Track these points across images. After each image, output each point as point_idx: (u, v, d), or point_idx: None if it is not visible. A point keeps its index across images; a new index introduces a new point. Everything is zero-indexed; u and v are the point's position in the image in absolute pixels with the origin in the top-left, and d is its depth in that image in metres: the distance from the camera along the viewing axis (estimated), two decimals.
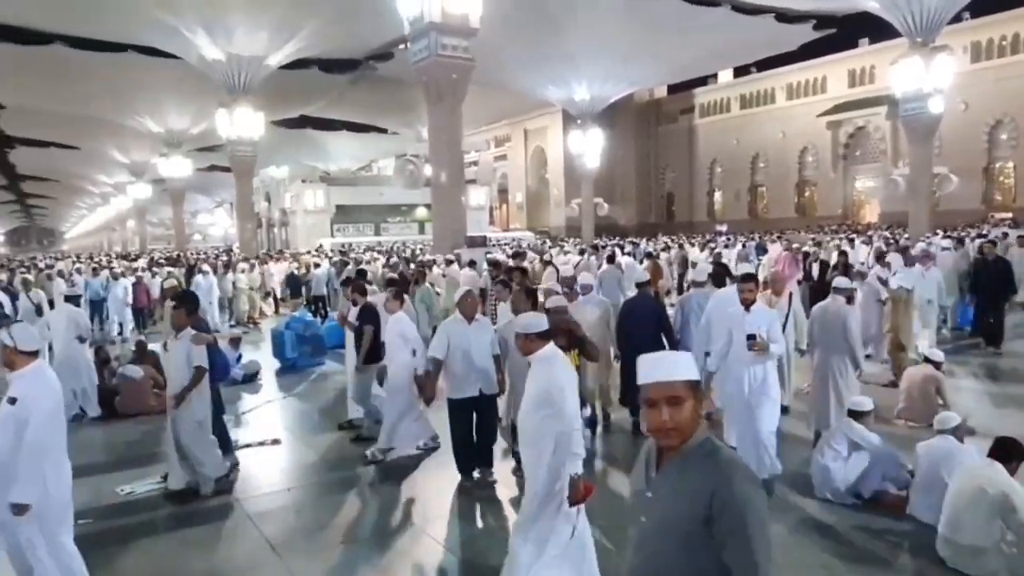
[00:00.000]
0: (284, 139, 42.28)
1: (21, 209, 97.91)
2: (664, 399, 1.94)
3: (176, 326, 6.02)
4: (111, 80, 31.00)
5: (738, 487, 1.88)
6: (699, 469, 1.92)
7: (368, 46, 30.73)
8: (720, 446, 1.99)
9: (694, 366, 2.03)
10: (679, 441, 1.96)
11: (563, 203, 55.47)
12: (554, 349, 4.18)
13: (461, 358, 5.79)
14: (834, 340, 6.46)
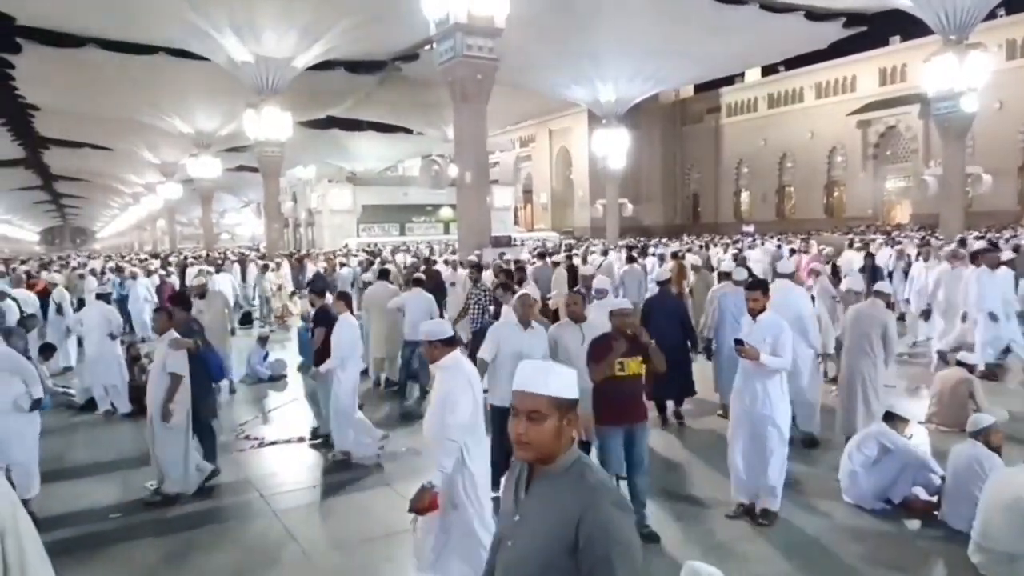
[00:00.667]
0: (311, 140, 42.65)
1: (55, 209, 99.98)
2: (525, 411, 1.87)
3: (159, 330, 6.01)
4: (143, 82, 31.52)
5: (605, 513, 1.76)
6: (566, 492, 1.82)
7: (394, 47, 30.88)
8: (590, 466, 1.88)
9: (572, 384, 1.92)
10: (533, 456, 1.87)
11: (588, 203, 55.25)
12: (458, 358, 4.13)
13: (511, 365, 5.32)
14: (867, 344, 6.37)
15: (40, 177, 66.00)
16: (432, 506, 3.70)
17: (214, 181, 41.78)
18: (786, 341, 5.03)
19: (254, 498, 6.06)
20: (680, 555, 4.38)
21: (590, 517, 1.75)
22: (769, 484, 5.04)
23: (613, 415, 4.81)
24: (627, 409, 4.85)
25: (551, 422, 1.84)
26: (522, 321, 5.52)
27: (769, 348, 4.97)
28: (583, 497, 1.78)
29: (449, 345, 4.09)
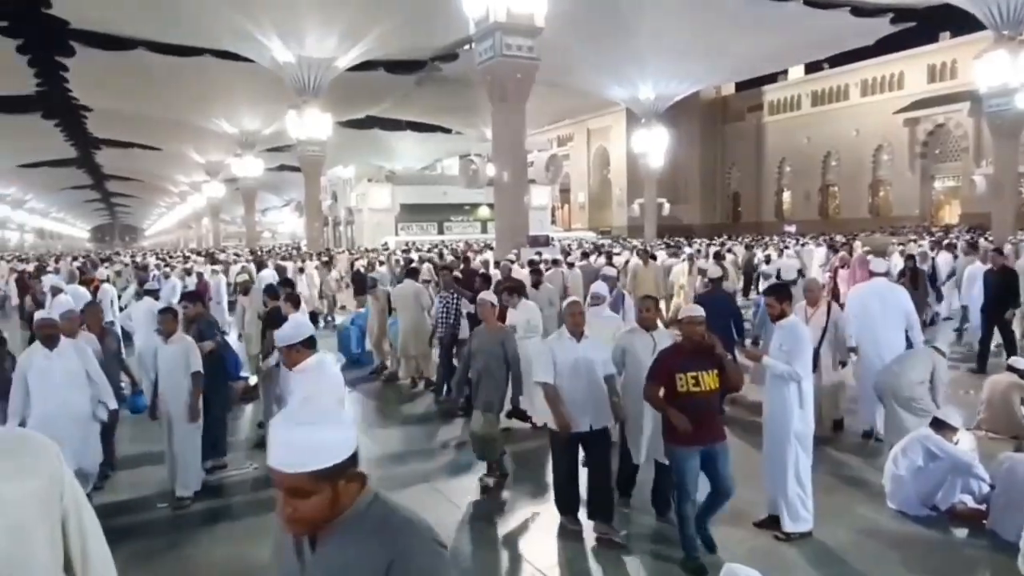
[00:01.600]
0: (351, 139, 43.17)
1: (105, 207, 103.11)
2: (285, 488, 1.55)
3: (165, 332, 5.82)
4: (190, 83, 32.30)
5: (420, 560, 1.56)
6: (367, 539, 1.57)
7: (433, 47, 31.09)
8: (394, 509, 1.64)
9: (341, 443, 1.57)
10: (309, 531, 1.60)
11: (625, 203, 54.95)
12: (321, 358, 3.91)
13: (569, 383, 4.81)
14: None
15: (91, 176, 68.10)
16: None
17: (257, 180, 42.58)
18: (801, 351, 4.74)
19: None
20: (718, 558, 4.34)
21: (402, 566, 1.53)
22: (787, 498, 4.74)
23: (688, 434, 4.28)
24: (703, 427, 4.30)
25: (320, 496, 1.54)
26: (573, 333, 4.94)
27: (784, 355, 4.76)
28: (390, 543, 1.55)
29: (310, 347, 3.88)
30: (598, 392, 4.84)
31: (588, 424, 4.80)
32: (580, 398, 4.79)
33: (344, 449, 1.57)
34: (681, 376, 4.28)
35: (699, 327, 4.42)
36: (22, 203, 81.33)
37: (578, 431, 4.77)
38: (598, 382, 4.85)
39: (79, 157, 55.31)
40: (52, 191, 77.68)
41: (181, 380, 5.73)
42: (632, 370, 4.95)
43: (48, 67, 31.70)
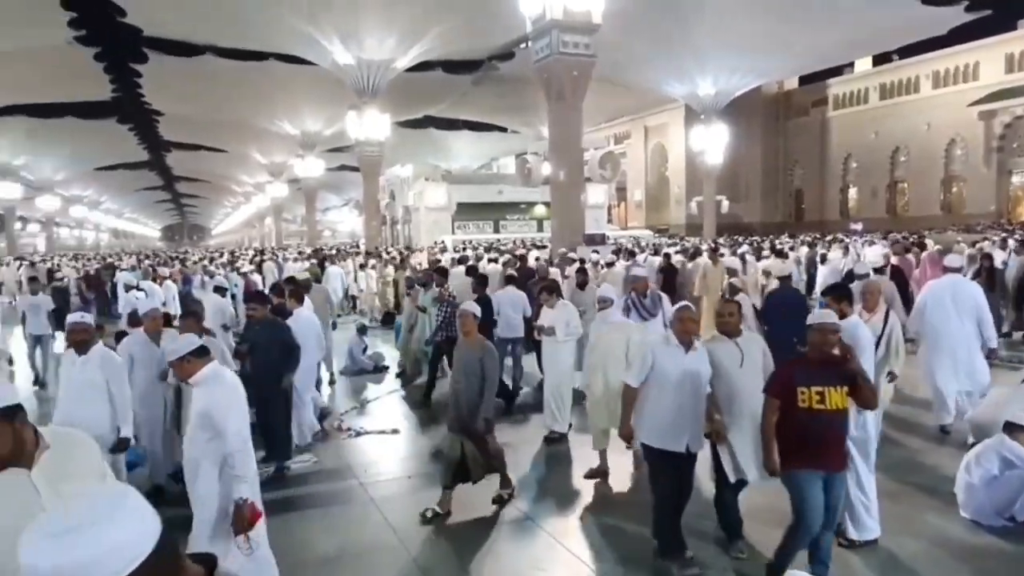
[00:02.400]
0: (409, 139, 43.75)
1: (175, 208, 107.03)
2: None
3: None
4: (255, 87, 33.28)
5: None
6: None
7: (490, 46, 31.25)
8: None
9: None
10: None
11: (684, 201, 54.11)
12: (217, 368, 3.77)
13: (672, 397, 4.29)
14: None
15: (162, 178, 70.84)
16: (255, 518, 3.59)
17: (318, 180, 43.60)
18: (860, 352, 4.45)
19: (354, 485, 6.30)
20: None
21: None
22: (850, 505, 4.55)
23: (810, 457, 3.82)
24: (827, 451, 3.85)
25: None
26: (682, 341, 4.34)
27: None
28: None
29: (202, 356, 3.75)
30: (700, 411, 4.36)
31: (685, 445, 4.30)
32: (683, 415, 4.28)
33: (139, 544, 1.09)
34: (804, 390, 3.80)
35: (831, 336, 3.94)
36: (98, 204, 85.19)
37: (677, 451, 4.30)
38: (703, 399, 4.37)
39: (151, 159, 57.61)
40: (126, 192, 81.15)
41: None
42: (718, 384, 4.43)
43: (123, 74, 33.14)
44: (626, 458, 6.33)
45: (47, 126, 41.85)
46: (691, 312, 4.46)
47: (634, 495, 5.79)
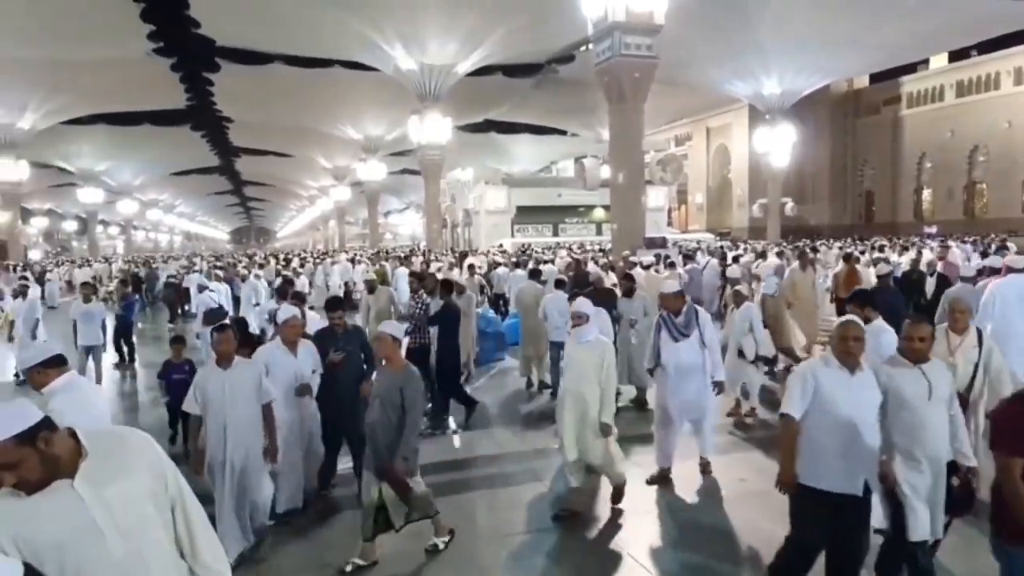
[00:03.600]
0: (469, 142, 44.15)
1: (243, 211, 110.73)
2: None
3: (221, 352, 4.79)
4: (320, 93, 34.14)
5: None
6: None
7: (551, 49, 31.27)
8: None
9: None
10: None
11: (747, 203, 52.99)
12: (72, 378, 3.56)
13: (841, 428, 3.64)
14: None
15: (231, 182, 73.38)
16: None
17: (380, 183, 44.39)
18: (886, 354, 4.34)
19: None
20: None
21: None
22: None
23: None
24: None
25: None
26: (845, 362, 3.69)
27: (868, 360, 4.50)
28: None
29: (56, 366, 3.54)
30: (869, 444, 3.66)
31: (846, 486, 3.63)
32: (856, 450, 3.64)
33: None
34: None
35: None
36: (172, 208, 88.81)
37: (830, 491, 3.64)
38: (871, 431, 3.69)
39: (221, 165, 59.76)
40: (198, 196, 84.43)
41: (250, 409, 4.79)
42: (898, 417, 3.73)
43: (196, 83, 34.48)
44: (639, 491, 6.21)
45: (127, 134, 43.95)
46: (855, 330, 3.72)
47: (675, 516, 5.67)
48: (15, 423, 2.00)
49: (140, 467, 2.25)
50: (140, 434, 2.38)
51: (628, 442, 6.88)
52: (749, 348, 7.86)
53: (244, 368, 4.87)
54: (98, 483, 2.13)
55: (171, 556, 2.30)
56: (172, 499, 2.32)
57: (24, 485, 2.04)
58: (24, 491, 2.05)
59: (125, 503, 2.16)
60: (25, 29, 25.11)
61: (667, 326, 6.16)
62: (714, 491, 5.94)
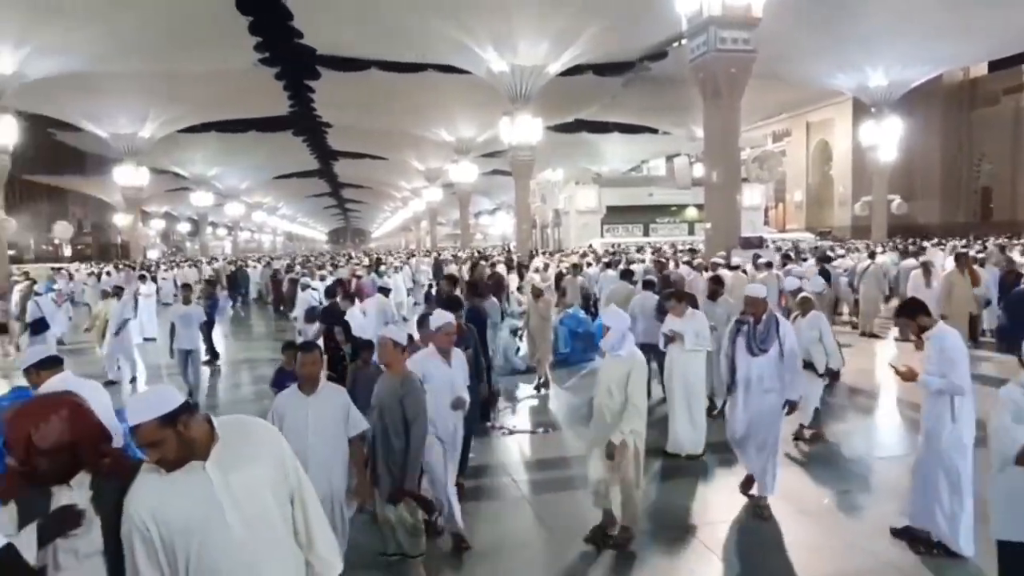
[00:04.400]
0: (559, 143, 44.11)
1: (340, 212, 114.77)
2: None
3: (309, 376, 4.16)
4: (414, 97, 34.96)
5: None
6: None
7: (643, 46, 30.83)
8: None
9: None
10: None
11: (849, 201, 50.55)
12: (66, 378, 3.49)
13: None
14: None
15: (330, 185, 76.20)
16: None
17: (471, 185, 44.99)
18: (953, 361, 4.36)
19: (507, 482, 6.44)
20: None
21: None
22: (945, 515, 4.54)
23: None
24: None
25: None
26: None
27: (935, 367, 4.42)
28: None
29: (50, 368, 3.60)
30: None
31: None
32: None
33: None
34: None
35: None
36: (275, 210, 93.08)
37: None
38: None
39: (320, 168, 62.14)
40: (298, 199, 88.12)
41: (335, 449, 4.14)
42: None
43: (299, 90, 36.00)
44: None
45: (234, 140, 46.43)
46: None
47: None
48: (160, 406, 2.19)
49: (263, 456, 2.38)
50: (265, 424, 2.54)
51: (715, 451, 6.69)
52: (820, 361, 7.19)
53: (331, 395, 4.16)
54: (226, 468, 2.27)
55: (287, 545, 2.41)
56: (291, 490, 2.43)
57: (164, 463, 2.22)
58: (164, 468, 2.23)
59: (248, 490, 2.29)
60: (146, 46, 26.88)
61: (745, 336, 5.52)
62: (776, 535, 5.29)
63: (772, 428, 5.48)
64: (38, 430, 2.28)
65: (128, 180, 40.81)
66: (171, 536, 2.22)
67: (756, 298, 5.57)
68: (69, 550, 2.35)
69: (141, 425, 2.16)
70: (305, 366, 4.15)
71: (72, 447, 2.32)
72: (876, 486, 6.08)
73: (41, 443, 2.28)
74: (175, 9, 23.97)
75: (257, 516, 2.30)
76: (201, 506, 2.23)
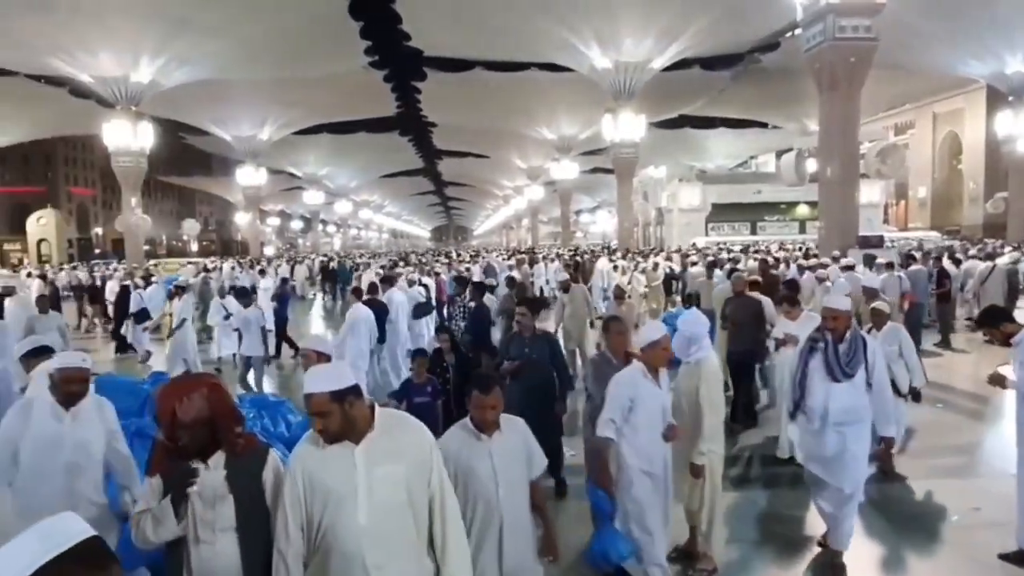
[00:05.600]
0: (663, 139, 43.28)
1: (443, 210, 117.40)
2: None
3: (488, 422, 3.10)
4: (517, 95, 35.22)
5: None
6: None
7: (753, 38, 29.76)
8: None
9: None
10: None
11: (980, 198, 46.94)
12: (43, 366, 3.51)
13: None
14: None
15: (434, 183, 78.06)
16: None
17: (572, 182, 44.89)
18: None
19: None
20: None
21: None
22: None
23: None
24: None
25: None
26: None
27: None
28: None
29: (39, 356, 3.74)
30: None
31: None
32: None
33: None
34: None
35: None
36: (381, 208, 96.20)
37: None
38: None
39: (425, 167, 63.77)
40: (403, 197, 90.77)
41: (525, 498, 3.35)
42: None
43: (406, 91, 37.07)
44: None
45: (344, 141, 48.38)
46: None
47: None
48: (333, 381, 2.39)
49: (409, 456, 2.47)
50: (420, 426, 2.61)
51: None
52: (903, 379, 6.33)
53: (510, 431, 3.19)
54: (371, 457, 2.41)
55: (413, 545, 2.46)
56: (432, 494, 2.49)
57: (325, 434, 2.40)
58: (324, 439, 2.41)
59: (384, 484, 2.39)
60: (267, 54, 28.39)
61: (824, 355, 4.47)
62: None
63: (855, 471, 4.48)
64: (181, 404, 2.52)
65: (248, 180, 43.32)
66: (312, 501, 2.41)
67: (838, 311, 4.47)
68: (207, 524, 2.57)
69: (315, 394, 2.37)
70: (486, 411, 3.09)
71: (210, 423, 2.55)
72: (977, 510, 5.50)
73: (184, 416, 2.51)
74: (293, 18, 25.19)
75: (386, 511, 2.39)
76: (340, 486, 2.39)
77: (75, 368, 3.49)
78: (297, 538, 2.41)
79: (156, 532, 2.55)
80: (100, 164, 67.25)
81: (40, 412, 3.46)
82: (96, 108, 30.54)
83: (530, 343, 5.61)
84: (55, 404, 3.47)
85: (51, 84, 31.28)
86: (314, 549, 2.42)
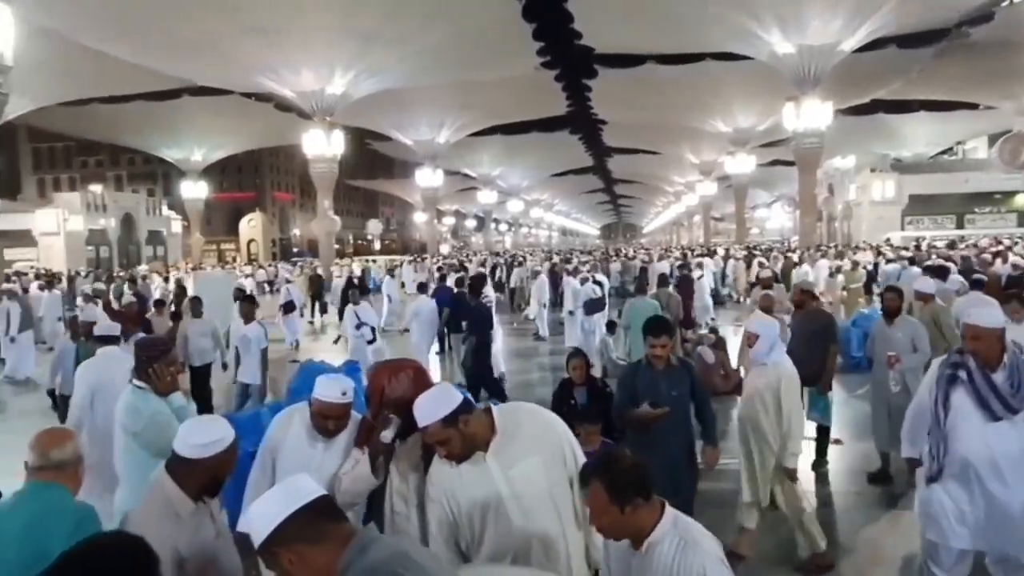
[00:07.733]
0: (851, 127, 40.06)
1: (612, 208, 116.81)
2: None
3: None
4: (690, 89, 34.23)
5: None
6: None
7: (961, 11, 26.77)
8: None
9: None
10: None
11: None
12: None
13: None
14: None
15: (603, 181, 77.91)
16: None
17: (748, 177, 42.93)
18: None
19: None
20: None
21: None
22: None
23: None
24: None
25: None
26: None
27: None
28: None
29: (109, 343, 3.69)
30: None
31: None
32: None
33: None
34: None
35: None
36: (551, 206, 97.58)
37: None
38: None
39: (594, 165, 63.81)
40: (572, 195, 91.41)
41: None
42: None
43: (576, 90, 37.29)
44: None
45: (517, 141, 49.59)
46: None
47: None
48: (441, 408, 2.39)
49: (539, 445, 2.50)
50: (537, 410, 2.66)
51: None
52: None
53: None
54: (504, 459, 2.44)
55: (567, 528, 2.50)
56: (571, 475, 2.52)
57: (452, 457, 2.44)
58: (453, 461, 2.45)
59: (524, 479, 2.43)
60: (444, 61, 29.73)
61: (973, 387, 3.33)
62: None
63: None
64: (390, 383, 2.71)
65: (427, 181, 45.75)
66: (460, 517, 2.46)
67: (984, 328, 3.33)
68: (400, 496, 2.72)
69: (429, 426, 2.40)
70: None
71: (412, 405, 2.66)
72: None
73: (391, 394, 2.70)
74: (470, 24, 26.20)
75: (534, 504, 2.43)
76: (483, 494, 2.43)
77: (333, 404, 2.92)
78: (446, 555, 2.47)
79: (355, 481, 2.75)
80: (299, 171, 74.12)
81: None
82: (296, 120, 33.77)
83: (665, 376, 4.31)
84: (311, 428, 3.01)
85: (260, 100, 35.04)
86: (478, 553, 2.48)
